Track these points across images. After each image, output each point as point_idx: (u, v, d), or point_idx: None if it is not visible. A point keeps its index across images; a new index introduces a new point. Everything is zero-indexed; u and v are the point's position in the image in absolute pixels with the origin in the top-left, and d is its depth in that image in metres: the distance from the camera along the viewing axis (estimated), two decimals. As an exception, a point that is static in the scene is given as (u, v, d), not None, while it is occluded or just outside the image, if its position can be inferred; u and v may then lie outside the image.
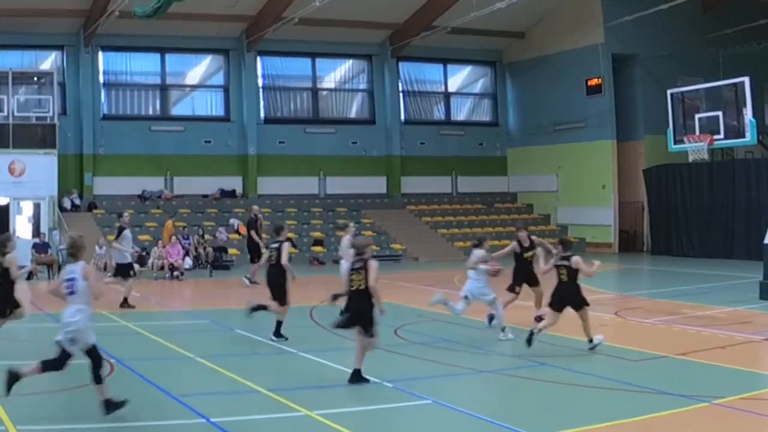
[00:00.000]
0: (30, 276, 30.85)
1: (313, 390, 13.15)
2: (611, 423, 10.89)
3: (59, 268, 31.34)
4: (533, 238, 19.73)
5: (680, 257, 38.39)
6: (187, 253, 33.71)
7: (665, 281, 29.96)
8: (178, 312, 22.85)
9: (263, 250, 22.09)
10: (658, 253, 40.64)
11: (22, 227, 34.77)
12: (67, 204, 37.87)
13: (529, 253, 19.14)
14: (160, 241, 32.95)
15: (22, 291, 27.17)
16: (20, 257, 32.45)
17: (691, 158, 30.20)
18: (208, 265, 34.18)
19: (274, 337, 17.05)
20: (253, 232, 29.61)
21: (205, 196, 41.65)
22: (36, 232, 34.03)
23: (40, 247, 31.73)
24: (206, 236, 36.16)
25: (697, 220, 39.31)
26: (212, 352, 15.85)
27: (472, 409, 11.64)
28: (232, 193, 42.22)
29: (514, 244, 19.35)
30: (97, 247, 31.37)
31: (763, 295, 22.69)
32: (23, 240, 33.99)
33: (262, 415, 11.60)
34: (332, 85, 46.33)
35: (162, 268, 31.76)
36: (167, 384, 13.09)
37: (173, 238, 32.93)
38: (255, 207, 30.87)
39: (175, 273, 31.46)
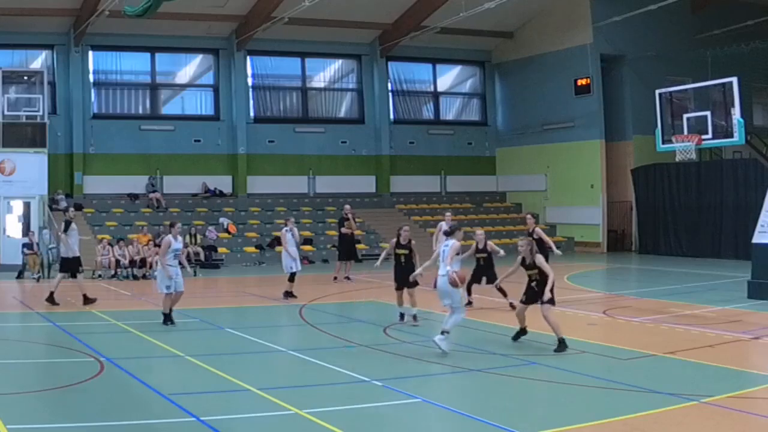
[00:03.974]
0: (20, 275, 30.89)
1: (302, 388, 13.19)
2: (600, 422, 10.94)
3: (42, 267, 31.34)
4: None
5: (668, 256, 38.52)
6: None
7: (654, 280, 30.05)
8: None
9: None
10: (647, 252, 40.76)
11: (12, 226, 34.73)
12: (62, 203, 37.84)
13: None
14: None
15: (12, 290, 27.28)
16: (11, 256, 32.78)
17: (678, 158, 30.26)
18: (196, 265, 34.12)
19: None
20: (343, 229, 30.17)
21: (195, 195, 41.65)
22: (26, 231, 33.99)
23: (28, 247, 31.71)
24: (197, 236, 36.15)
25: (685, 219, 39.44)
26: (202, 351, 15.88)
27: (462, 408, 11.69)
28: (218, 192, 42.15)
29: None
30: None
31: (751, 294, 22.80)
32: (13, 239, 34.06)
33: (252, 414, 11.61)
34: (322, 85, 46.32)
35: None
36: (157, 383, 13.12)
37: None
38: (347, 207, 31.40)
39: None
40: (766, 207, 23.51)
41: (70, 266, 23.41)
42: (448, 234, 16.30)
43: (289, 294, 23.91)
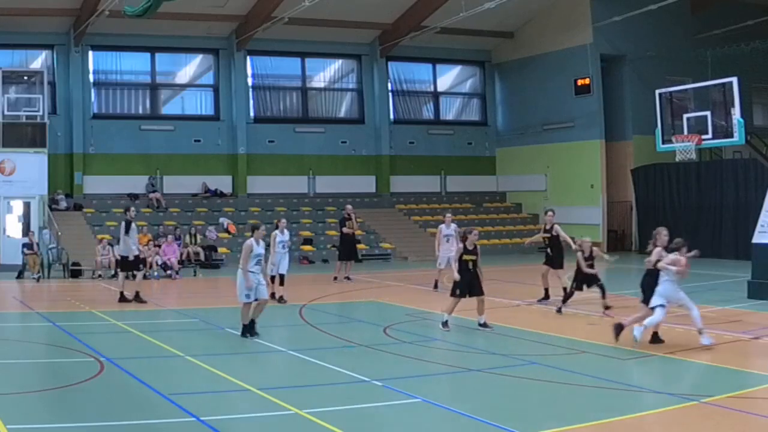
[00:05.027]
0: (20, 275, 30.89)
1: (302, 388, 13.19)
2: (600, 421, 10.94)
3: (42, 267, 31.34)
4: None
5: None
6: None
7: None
8: (168, 311, 22.86)
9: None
10: (647, 252, 40.49)
11: (12, 226, 34.74)
12: (62, 203, 37.90)
13: None
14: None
15: (12, 290, 27.28)
16: (11, 256, 32.78)
17: (677, 158, 30.30)
18: (197, 265, 34.14)
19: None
20: (344, 229, 30.22)
21: (195, 195, 41.65)
22: (26, 231, 34.00)
23: (28, 247, 31.74)
24: (197, 236, 36.13)
25: (685, 219, 39.38)
26: (202, 351, 15.88)
27: (462, 408, 11.68)
28: (218, 192, 42.13)
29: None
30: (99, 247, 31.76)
31: (751, 294, 22.79)
32: (13, 239, 34.07)
33: (252, 414, 11.62)
34: (322, 85, 46.31)
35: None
36: (157, 383, 13.11)
37: (170, 237, 33.01)
38: (349, 207, 31.45)
39: (169, 272, 31.54)
40: (766, 207, 23.51)
41: (131, 266, 23.95)
42: (675, 249, 16.94)
43: (273, 296, 23.57)
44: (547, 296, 23.00)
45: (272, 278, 23.57)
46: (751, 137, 39.20)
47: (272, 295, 23.51)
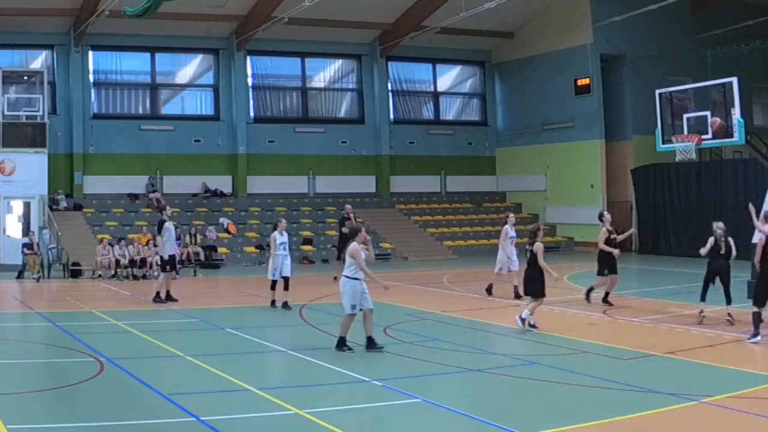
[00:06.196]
0: (20, 275, 30.88)
1: (302, 388, 13.19)
2: (600, 421, 10.95)
3: (42, 267, 31.33)
4: None
5: (668, 256, 38.48)
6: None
7: (654, 280, 30.02)
8: (168, 311, 22.83)
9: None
10: (647, 252, 40.70)
11: (12, 226, 34.73)
12: (62, 203, 37.89)
13: None
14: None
15: (12, 290, 27.27)
16: (11, 256, 32.77)
17: (677, 158, 30.26)
18: (197, 265, 34.15)
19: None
20: (344, 229, 30.22)
21: (195, 195, 41.64)
22: (26, 231, 34.00)
23: (28, 246, 31.74)
24: (197, 236, 36.12)
25: (685, 219, 39.36)
26: (202, 351, 15.87)
27: (462, 408, 11.68)
28: (218, 192, 42.11)
29: None
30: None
31: (751, 294, 22.75)
32: (13, 239, 34.06)
33: (252, 414, 11.62)
34: (322, 85, 46.29)
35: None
36: (157, 383, 13.11)
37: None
38: (348, 206, 31.44)
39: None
40: (766, 207, 23.49)
41: (169, 264, 24.00)
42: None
43: (273, 303, 22.64)
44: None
45: (273, 283, 22.87)
46: (751, 137, 39.20)
47: (272, 303, 22.78)
